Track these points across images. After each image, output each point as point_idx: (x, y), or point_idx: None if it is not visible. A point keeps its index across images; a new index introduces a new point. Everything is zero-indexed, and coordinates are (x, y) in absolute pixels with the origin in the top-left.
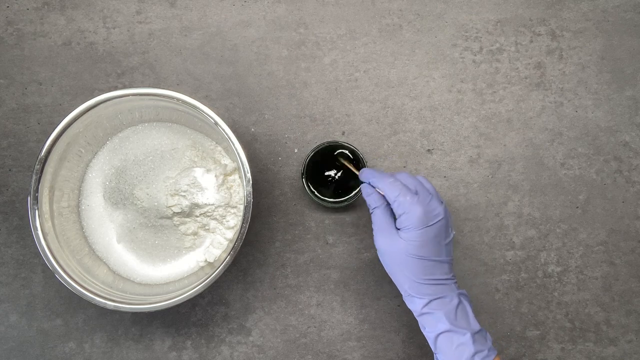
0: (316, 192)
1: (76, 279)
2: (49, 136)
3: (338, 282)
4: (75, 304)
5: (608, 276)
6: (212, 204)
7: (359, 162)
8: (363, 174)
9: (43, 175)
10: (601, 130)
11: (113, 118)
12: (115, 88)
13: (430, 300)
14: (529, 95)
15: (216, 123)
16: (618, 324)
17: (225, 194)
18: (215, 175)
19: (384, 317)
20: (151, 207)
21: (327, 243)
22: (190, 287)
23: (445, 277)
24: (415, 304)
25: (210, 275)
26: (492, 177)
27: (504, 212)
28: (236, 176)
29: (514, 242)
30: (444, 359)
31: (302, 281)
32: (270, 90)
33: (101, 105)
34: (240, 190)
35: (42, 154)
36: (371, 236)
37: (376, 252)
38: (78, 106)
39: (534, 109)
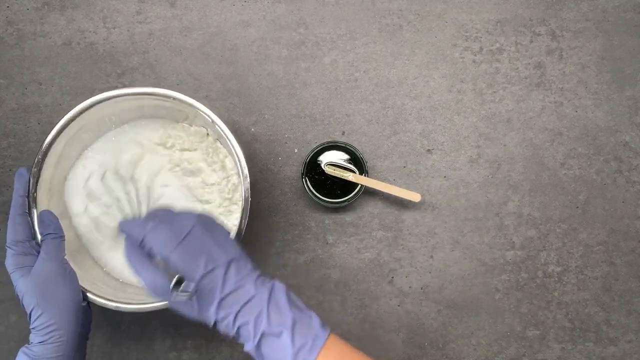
0: (316, 192)
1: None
2: (45, 138)
3: (338, 282)
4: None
5: (608, 276)
6: (213, 203)
7: (357, 163)
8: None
9: (40, 177)
10: (601, 130)
11: (110, 117)
12: (115, 88)
13: (240, 309)
14: (529, 95)
15: (213, 121)
16: (618, 324)
17: (227, 193)
18: (214, 170)
19: (384, 317)
20: (150, 207)
21: (327, 243)
22: None
23: (243, 277)
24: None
25: None
26: (492, 177)
27: (504, 212)
28: (235, 174)
29: (514, 242)
30: None
31: (302, 281)
32: (270, 90)
33: (97, 105)
34: (239, 188)
35: (39, 155)
36: (371, 236)
37: (376, 252)
38: (75, 107)
39: (534, 109)
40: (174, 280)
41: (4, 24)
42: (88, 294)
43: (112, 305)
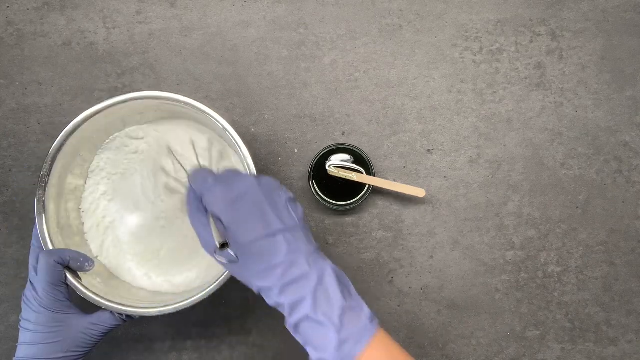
0: (322, 195)
1: (85, 283)
2: (52, 143)
3: None
4: (75, 304)
5: (608, 276)
6: None
7: (363, 165)
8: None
9: (49, 182)
10: (601, 130)
11: (116, 121)
12: (115, 88)
13: (285, 285)
14: (529, 96)
15: (224, 129)
16: (618, 324)
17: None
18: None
19: (384, 317)
20: (166, 208)
21: (327, 243)
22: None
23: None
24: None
25: (220, 277)
26: (492, 177)
27: (504, 212)
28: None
29: (514, 242)
30: (312, 349)
31: None
32: (270, 90)
33: (106, 110)
34: None
35: (48, 159)
36: (371, 236)
37: (376, 252)
38: (80, 108)
39: (534, 109)
40: (218, 245)
41: (4, 24)
42: (94, 296)
43: (113, 305)
